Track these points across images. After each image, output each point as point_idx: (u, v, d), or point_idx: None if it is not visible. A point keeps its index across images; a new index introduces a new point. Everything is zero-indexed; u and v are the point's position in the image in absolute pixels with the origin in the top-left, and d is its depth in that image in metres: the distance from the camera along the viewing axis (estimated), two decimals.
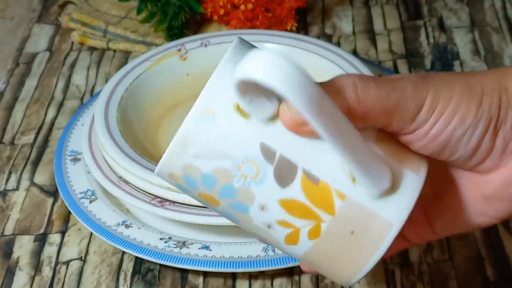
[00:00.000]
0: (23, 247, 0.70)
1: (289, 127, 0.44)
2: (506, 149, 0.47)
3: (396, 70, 0.89)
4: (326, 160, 0.44)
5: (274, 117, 0.44)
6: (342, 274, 0.47)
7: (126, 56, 0.93)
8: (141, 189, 0.68)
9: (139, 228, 0.68)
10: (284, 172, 0.44)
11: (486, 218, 0.50)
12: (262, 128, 0.44)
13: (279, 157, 0.44)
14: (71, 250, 0.70)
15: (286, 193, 0.44)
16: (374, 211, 0.45)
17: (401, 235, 0.49)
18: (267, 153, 0.44)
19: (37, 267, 0.69)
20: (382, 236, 0.45)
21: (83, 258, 0.69)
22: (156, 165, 0.67)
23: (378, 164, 0.44)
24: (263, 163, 0.44)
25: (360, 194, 0.45)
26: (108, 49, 0.94)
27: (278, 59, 0.40)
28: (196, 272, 0.67)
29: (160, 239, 0.67)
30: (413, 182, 0.46)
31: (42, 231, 0.72)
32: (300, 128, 0.43)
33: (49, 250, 0.70)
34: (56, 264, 0.69)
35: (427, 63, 0.90)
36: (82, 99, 0.87)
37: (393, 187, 0.45)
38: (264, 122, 0.44)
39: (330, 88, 0.44)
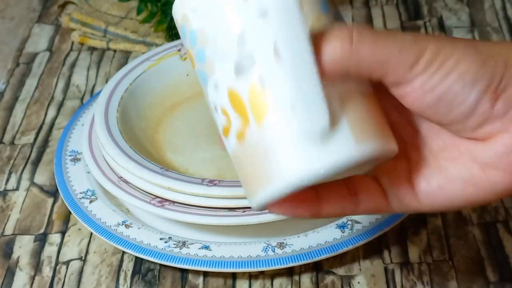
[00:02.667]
0: (23, 247, 0.70)
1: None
2: (507, 113, 0.44)
3: None
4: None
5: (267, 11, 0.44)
6: (260, 188, 0.45)
7: (126, 56, 0.93)
8: (141, 189, 0.68)
9: (139, 228, 0.68)
10: (244, 64, 0.44)
11: (477, 190, 0.47)
12: (256, 15, 0.44)
13: (250, 48, 0.44)
14: (71, 250, 0.70)
15: (237, 83, 0.44)
16: (290, 147, 0.44)
17: (381, 190, 0.48)
18: (242, 39, 0.44)
19: (37, 267, 0.69)
20: (280, 178, 0.44)
21: (83, 258, 0.69)
22: (156, 165, 0.68)
23: (318, 103, 0.43)
24: (233, 45, 0.44)
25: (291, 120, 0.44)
26: (108, 49, 0.94)
27: None
28: (196, 272, 0.67)
29: (160, 239, 0.67)
30: (350, 149, 0.44)
31: (42, 231, 0.72)
32: None
33: (49, 250, 0.70)
34: (56, 264, 0.69)
35: None
36: (82, 99, 0.87)
37: (324, 140, 0.43)
38: (260, 13, 0.44)
39: (322, 35, 0.43)
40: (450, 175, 0.47)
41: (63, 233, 0.72)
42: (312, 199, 0.48)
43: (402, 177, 0.48)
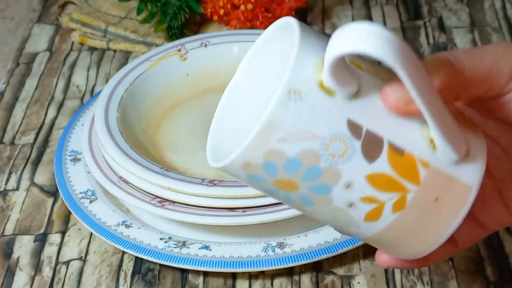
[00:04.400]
0: (23, 247, 0.70)
1: (394, 107, 0.43)
2: None
3: None
4: (408, 131, 0.44)
5: (357, 93, 0.43)
6: (418, 245, 0.46)
7: (126, 56, 0.93)
8: (141, 189, 0.68)
9: (139, 228, 0.68)
10: (371, 147, 0.44)
11: None
12: (348, 105, 0.43)
13: (366, 131, 0.44)
14: (71, 250, 0.70)
15: (374, 167, 0.44)
16: (454, 177, 0.45)
17: (476, 221, 0.49)
18: (354, 128, 0.43)
19: (37, 267, 0.69)
20: (464, 198, 0.45)
21: (83, 258, 0.69)
22: (156, 165, 0.68)
23: (457, 132, 0.45)
24: (350, 139, 0.43)
25: (441, 162, 0.45)
26: (108, 49, 0.94)
27: (384, 32, 0.41)
28: (196, 272, 0.67)
29: (160, 239, 0.67)
30: (478, 144, 0.46)
31: (42, 231, 0.72)
32: (406, 107, 0.43)
33: (49, 250, 0.70)
34: (56, 264, 0.69)
35: None
36: (82, 99, 0.87)
37: (466, 152, 0.46)
38: (349, 98, 0.43)
39: (428, 65, 0.44)
40: None
41: (63, 233, 0.72)
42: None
43: (492, 196, 0.49)
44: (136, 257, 0.69)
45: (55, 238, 0.71)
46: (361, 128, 0.43)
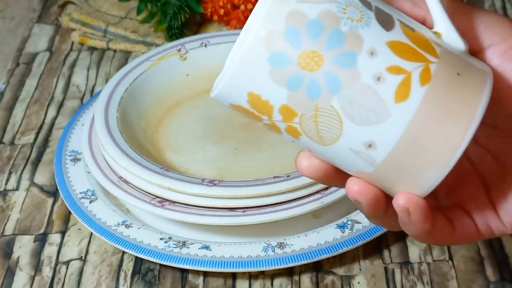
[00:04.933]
0: (23, 247, 0.70)
1: None
2: None
3: None
4: (412, 20, 0.46)
5: None
6: (450, 136, 0.44)
7: (126, 56, 0.93)
8: (141, 189, 0.68)
9: (139, 228, 0.68)
10: (384, 18, 0.44)
11: None
12: None
13: (375, 7, 0.45)
14: (71, 250, 0.70)
15: (392, 35, 0.44)
16: (468, 60, 0.45)
17: (471, 219, 0.48)
18: (364, 1, 0.44)
19: (37, 267, 0.69)
20: (483, 79, 0.45)
21: (83, 258, 0.69)
22: (156, 165, 0.68)
23: (457, 30, 0.46)
24: (364, 9, 0.44)
25: (450, 46, 0.45)
26: (108, 49, 0.94)
27: None
28: (196, 272, 0.67)
29: (160, 239, 0.67)
30: (482, 63, 0.46)
31: (42, 231, 0.72)
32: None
33: (49, 250, 0.70)
34: (56, 264, 0.69)
35: None
36: (82, 99, 0.87)
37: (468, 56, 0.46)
38: None
39: None
40: None
41: (63, 233, 0.72)
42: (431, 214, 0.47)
43: (484, 202, 0.49)
44: (136, 257, 0.69)
45: (55, 238, 0.71)
46: (370, 3, 0.44)
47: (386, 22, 0.44)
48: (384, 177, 0.45)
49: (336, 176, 0.47)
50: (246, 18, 0.91)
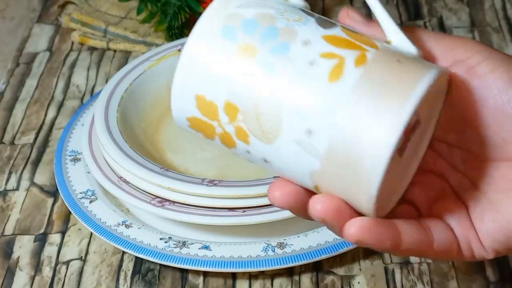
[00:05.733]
0: (23, 247, 0.70)
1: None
2: None
3: None
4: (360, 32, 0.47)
5: None
6: (391, 104, 0.43)
7: (126, 56, 0.93)
8: (141, 189, 0.68)
9: (139, 228, 0.68)
10: (325, 22, 0.45)
11: None
12: None
13: (318, 16, 0.46)
14: (71, 250, 0.70)
15: (329, 31, 0.45)
16: (416, 57, 0.45)
17: (453, 234, 0.48)
18: (307, 12, 0.46)
19: (37, 267, 0.69)
20: (430, 68, 0.44)
21: (83, 258, 0.69)
22: (156, 165, 0.68)
23: (408, 37, 0.46)
24: (303, 14, 0.46)
25: (395, 48, 0.45)
26: (108, 49, 0.94)
27: None
28: (196, 272, 0.67)
29: (160, 239, 0.67)
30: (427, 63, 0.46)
31: (42, 231, 0.72)
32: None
33: (49, 250, 0.70)
34: (56, 264, 0.69)
35: None
36: (82, 99, 0.87)
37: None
38: None
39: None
40: (502, 206, 0.47)
41: (63, 233, 0.72)
42: (392, 230, 0.46)
43: (467, 222, 0.48)
44: (136, 257, 0.69)
45: (55, 238, 0.71)
46: (313, 14, 0.46)
47: (326, 24, 0.45)
48: (334, 176, 0.44)
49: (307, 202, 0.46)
50: None
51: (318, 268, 0.67)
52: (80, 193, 0.72)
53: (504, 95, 0.45)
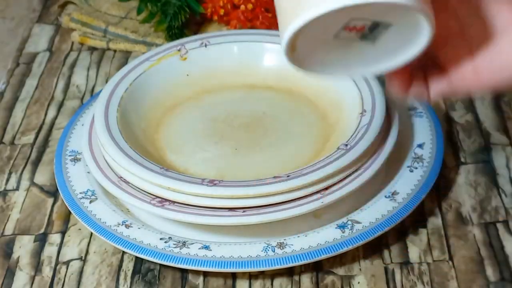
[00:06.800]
0: (23, 247, 0.71)
1: None
2: None
3: None
4: None
5: None
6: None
7: (126, 56, 0.93)
8: (141, 189, 0.68)
9: (139, 228, 0.68)
10: None
11: None
12: None
13: None
14: (71, 250, 0.70)
15: None
16: None
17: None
18: None
19: (37, 267, 0.69)
20: None
21: (83, 258, 0.69)
22: (156, 165, 0.68)
23: None
24: None
25: None
26: (108, 49, 0.94)
27: None
28: (196, 272, 0.67)
29: (160, 239, 0.67)
30: None
31: (42, 231, 0.72)
32: None
33: (49, 250, 0.70)
34: (56, 264, 0.69)
35: None
36: (82, 99, 0.87)
37: None
38: None
39: None
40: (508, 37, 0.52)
41: (63, 233, 0.72)
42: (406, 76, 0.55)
43: (465, 59, 0.53)
44: (136, 257, 0.69)
45: (55, 238, 0.71)
46: None
47: None
48: None
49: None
50: (246, 18, 0.91)
51: (318, 268, 0.67)
52: (80, 193, 0.72)
53: None
